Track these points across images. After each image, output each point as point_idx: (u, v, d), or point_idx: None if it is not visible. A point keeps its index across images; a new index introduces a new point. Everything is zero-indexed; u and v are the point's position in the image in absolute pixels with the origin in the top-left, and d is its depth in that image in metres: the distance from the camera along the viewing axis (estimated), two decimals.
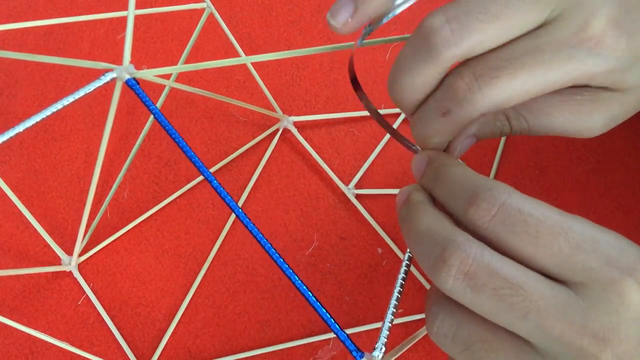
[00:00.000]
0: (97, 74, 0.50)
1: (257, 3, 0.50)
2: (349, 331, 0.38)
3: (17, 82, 0.48)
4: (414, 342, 0.29)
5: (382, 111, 0.44)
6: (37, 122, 0.29)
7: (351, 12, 0.23)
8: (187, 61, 0.45)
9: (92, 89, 0.28)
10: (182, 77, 0.46)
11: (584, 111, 0.24)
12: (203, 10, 0.42)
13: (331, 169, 0.42)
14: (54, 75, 0.48)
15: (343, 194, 0.42)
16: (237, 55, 0.45)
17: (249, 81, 0.46)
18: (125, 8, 0.51)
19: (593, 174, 0.40)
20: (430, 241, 0.21)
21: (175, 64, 0.47)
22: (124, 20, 0.50)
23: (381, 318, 0.38)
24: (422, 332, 0.35)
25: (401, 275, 0.24)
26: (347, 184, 0.42)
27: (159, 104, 0.44)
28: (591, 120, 0.24)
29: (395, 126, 0.43)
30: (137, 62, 0.48)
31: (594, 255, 0.19)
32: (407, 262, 0.24)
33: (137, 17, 0.49)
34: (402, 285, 0.24)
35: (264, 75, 0.46)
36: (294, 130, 0.43)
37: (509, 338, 0.20)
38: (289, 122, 0.44)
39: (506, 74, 0.21)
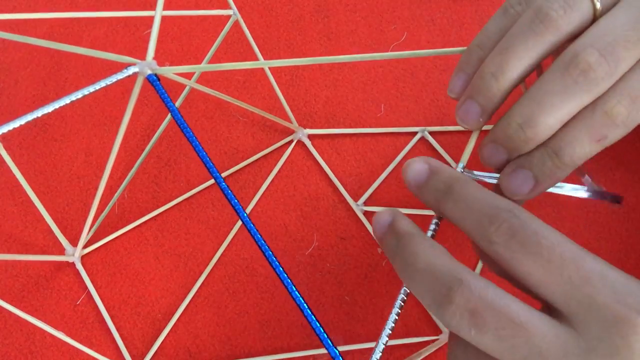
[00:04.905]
0: (99, 75, 0.50)
1: (257, 3, 0.50)
2: (349, 346, 0.38)
3: (17, 82, 0.48)
4: None
5: None
6: (37, 122, 0.28)
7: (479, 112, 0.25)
8: (201, 61, 0.45)
9: (113, 81, 0.28)
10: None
11: None
12: (225, 15, 0.42)
13: (337, 179, 0.42)
14: (54, 76, 0.48)
15: (341, 196, 0.42)
16: (249, 58, 0.45)
17: (249, 81, 0.46)
18: (124, 8, 0.51)
19: (593, 174, 0.40)
20: (432, 279, 0.21)
21: (190, 63, 0.47)
22: (123, 21, 0.50)
23: (380, 318, 0.38)
24: (418, 355, 0.35)
25: (398, 305, 0.23)
26: (354, 197, 0.41)
27: (177, 104, 0.44)
28: None
29: None
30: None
31: (602, 290, 0.19)
32: (404, 295, 0.24)
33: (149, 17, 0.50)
34: (397, 314, 0.23)
35: (264, 75, 0.46)
36: (308, 143, 0.43)
37: None
38: (303, 134, 0.44)
39: None
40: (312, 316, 0.24)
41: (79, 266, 0.41)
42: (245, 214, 0.25)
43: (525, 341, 0.19)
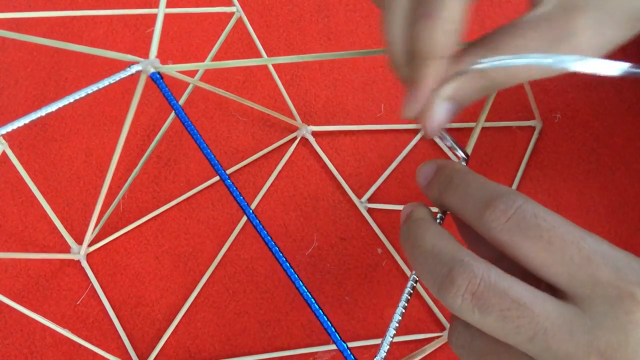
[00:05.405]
0: (99, 75, 0.49)
1: (257, 2, 0.50)
2: (351, 342, 0.38)
3: (17, 82, 0.48)
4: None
5: None
6: (37, 122, 0.28)
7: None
8: (202, 60, 0.45)
9: (116, 79, 0.28)
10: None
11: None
12: (225, 16, 0.42)
13: (342, 177, 0.42)
14: (53, 75, 0.48)
15: (344, 194, 0.42)
16: (250, 57, 0.45)
17: (248, 81, 0.46)
18: (123, 7, 0.51)
19: (593, 174, 0.40)
20: (435, 261, 0.21)
21: (190, 62, 0.47)
22: (123, 21, 0.50)
23: (380, 318, 0.38)
24: (422, 352, 0.35)
25: (407, 291, 0.23)
26: (357, 195, 0.41)
27: (181, 101, 0.44)
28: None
29: None
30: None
31: (604, 268, 0.19)
32: (413, 282, 0.24)
33: (152, 15, 0.49)
34: (407, 300, 0.23)
35: (264, 75, 0.46)
36: (312, 140, 0.43)
37: (518, 353, 0.20)
38: (307, 131, 0.43)
39: None
40: (319, 309, 0.24)
41: (85, 264, 0.41)
42: (251, 211, 0.25)
43: (529, 321, 0.19)
